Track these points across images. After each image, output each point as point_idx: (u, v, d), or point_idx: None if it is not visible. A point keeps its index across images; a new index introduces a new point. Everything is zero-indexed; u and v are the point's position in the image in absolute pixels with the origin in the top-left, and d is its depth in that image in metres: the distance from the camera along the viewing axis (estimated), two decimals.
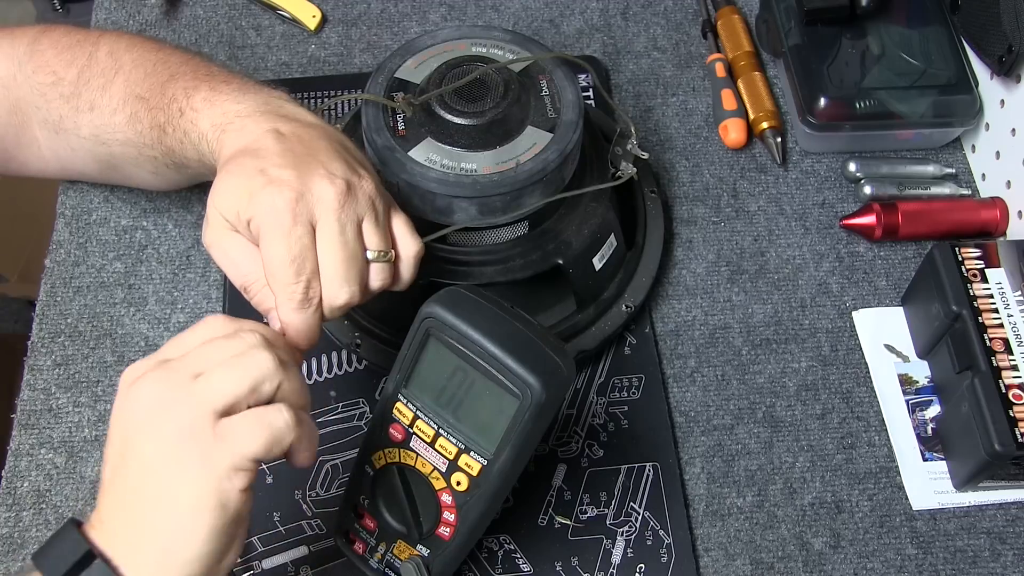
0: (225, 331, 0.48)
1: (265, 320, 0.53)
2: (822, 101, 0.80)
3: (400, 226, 0.56)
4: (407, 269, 0.57)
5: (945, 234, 0.78)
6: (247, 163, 0.53)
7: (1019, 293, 0.68)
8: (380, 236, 0.54)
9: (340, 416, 0.69)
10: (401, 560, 0.58)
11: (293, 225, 0.51)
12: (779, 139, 0.83)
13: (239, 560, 0.63)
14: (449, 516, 0.55)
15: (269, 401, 0.47)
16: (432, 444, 0.53)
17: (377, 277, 0.55)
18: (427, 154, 0.62)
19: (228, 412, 0.46)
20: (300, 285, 0.51)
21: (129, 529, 0.45)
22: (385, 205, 0.56)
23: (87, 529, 0.46)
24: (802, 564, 0.66)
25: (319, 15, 0.90)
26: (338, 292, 0.53)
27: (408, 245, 0.56)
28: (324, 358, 0.72)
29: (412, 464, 0.54)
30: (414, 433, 0.54)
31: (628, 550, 0.65)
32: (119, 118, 0.64)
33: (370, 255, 0.54)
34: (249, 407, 0.46)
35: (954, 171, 0.83)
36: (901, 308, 0.76)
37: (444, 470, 0.53)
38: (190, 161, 0.62)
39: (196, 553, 0.45)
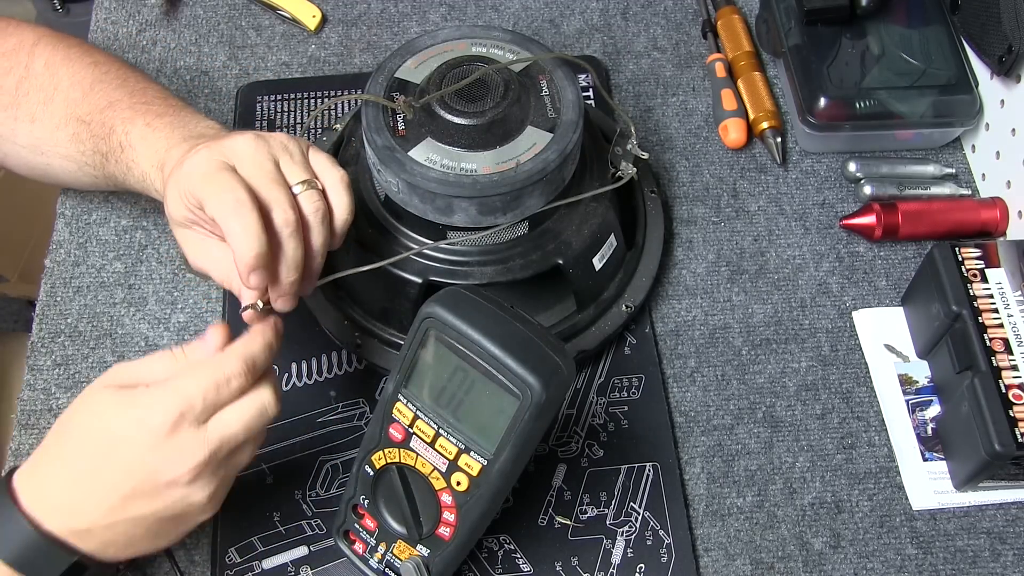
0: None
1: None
2: (822, 101, 0.80)
3: (321, 161, 0.58)
4: (340, 195, 0.58)
5: (945, 234, 0.78)
6: (176, 172, 0.57)
7: (1019, 293, 0.68)
8: (299, 169, 0.57)
9: (340, 416, 0.69)
10: (401, 560, 0.58)
11: (219, 172, 0.54)
12: (779, 139, 0.83)
13: (239, 560, 0.64)
14: (449, 516, 0.55)
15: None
16: (432, 444, 0.53)
17: (310, 205, 0.56)
18: (427, 154, 0.62)
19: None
20: (247, 212, 0.53)
21: (129, 546, 0.53)
22: (299, 147, 0.58)
23: (58, 535, 0.51)
24: (802, 564, 0.66)
25: (319, 15, 0.90)
26: (277, 213, 0.54)
27: (332, 174, 0.58)
28: (324, 358, 0.72)
29: (412, 464, 0.54)
30: (414, 433, 0.54)
31: (628, 550, 0.65)
32: (61, 135, 0.65)
33: (296, 189, 0.56)
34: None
35: (954, 171, 0.83)
36: (901, 308, 0.76)
37: (444, 470, 0.53)
38: (132, 189, 0.65)
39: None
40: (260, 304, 0.55)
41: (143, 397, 0.50)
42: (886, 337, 0.75)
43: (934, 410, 0.71)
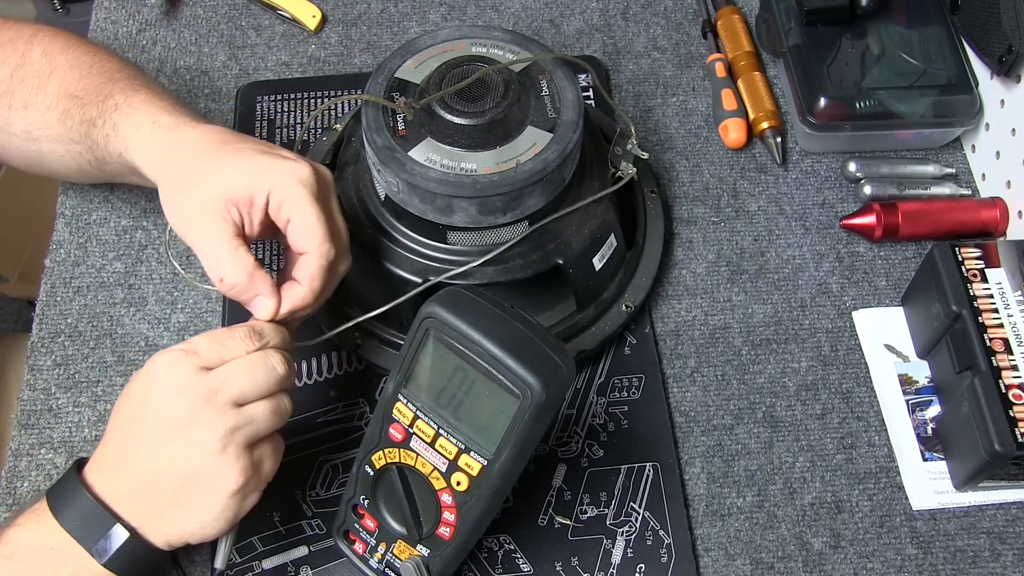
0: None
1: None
2: (822, 101, 0.80)
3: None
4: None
5: (945, 234, 0.78)
6: (241, 146, 0.58)
7: (1019, 293, 0.68)
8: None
9: (340, 416, 0.69)
10: (401, 560, 0.58)
11: (313, 191, 0.57)
12: (779, 139, 0.83)
13: (239, 560, 0.64)
14: (449, 516, 0.55)
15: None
16: (432, 444, 0.53)
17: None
18: (427, 154, 0.62)
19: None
20: (328, 245, 0.57)
21: (159, 513, 0.53)
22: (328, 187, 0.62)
23: (104, 501, 0.53)
24: (802, 564, 0.66)
25: (319, 15, 0.90)
26: (346, 255, 0.61)
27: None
28: (324, 358, 0.72)
29: (412, 464, 0.54)
30: (414, 433, 0.54)
31: (628, 550, 0.65)
32: (51, 115, 0.66)
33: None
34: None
35: (954, 171, 0.83)
36: (901, 308, 0.76)
37: (444, 470, 0.53)
38: (111, 156, 0.64)
39: (223, 524, 0.54)
40: None
41: (156, 354, 0.53)
42: (886, 337, 0.75)
43: (934, 410, 0.71)
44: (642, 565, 0.64)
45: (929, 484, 0.69)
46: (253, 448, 0.53)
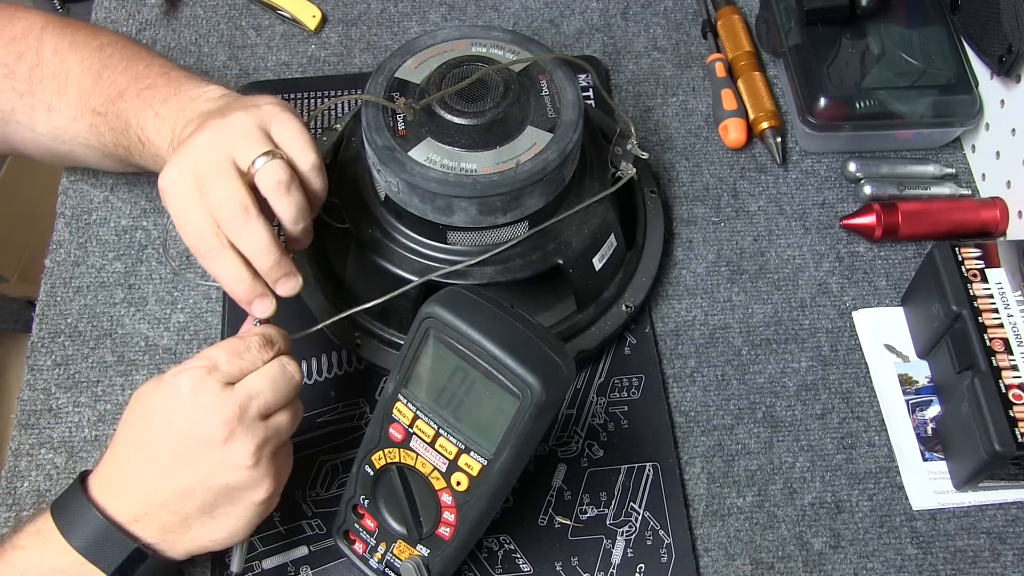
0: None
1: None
2: (822, 101, 0.80)
3: (294, 139, 0.58)
4: (315, 178, 0.59)
5: (945, 234, 0.78)
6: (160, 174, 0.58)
7: (1019, 293, 0.68)
8: (254, 145, 0.56)
9: (340, 416, 0.69)
10: (401, 560, 0.58)
11: (186, 206, 0.55)
12: (779, 139, 0.83)
13: None
14: (449, 516, 0.55)
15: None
16: (432, 444, 0.53)
17: (271, 178, 0.56)
18: (427, 154, 0.62)
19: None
20: (201, 237, 0.55)
21: (186, 528, 0.54)
22: (256, 123, 0.57)
23: (120, 521, 0.53)
24: (802, 564, 0.66)
25: (319, 15, 0.90)
26: (233, 210, 0.54)
27: (304, 159, 0.58)
28: (324, 358, 0.72)
29: (412, 464, 0.54)
30: (414, 433, 0.54)
31: (628, 550, 0.65)
32: (80, 126, 0.66)
33: (257, 164, 0.55)
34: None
35: (954, 171, 0.83)
36: (901, 308, 0.76)
37: (444, 470, 0.53)
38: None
39: (248, 532, 0.56)
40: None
41: (172, 370, 0.53)
42: (886, 337, 0.75)
43: (934, 410, 0.71)
44: (642, 565, 0.64)
45: (929, 484, 0.69)
46: (277, 456, 0.54)
